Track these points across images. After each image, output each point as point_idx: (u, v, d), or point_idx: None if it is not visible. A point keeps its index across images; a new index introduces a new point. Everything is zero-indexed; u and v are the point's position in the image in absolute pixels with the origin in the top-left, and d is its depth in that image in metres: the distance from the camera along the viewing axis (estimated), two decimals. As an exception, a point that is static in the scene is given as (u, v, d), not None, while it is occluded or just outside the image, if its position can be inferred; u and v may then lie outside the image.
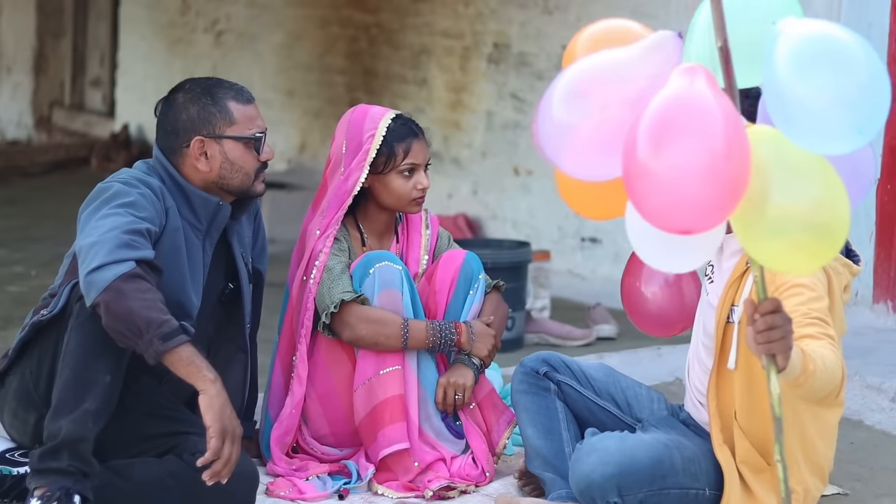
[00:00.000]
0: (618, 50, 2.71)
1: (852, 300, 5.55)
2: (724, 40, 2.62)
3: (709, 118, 2.49)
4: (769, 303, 2.73)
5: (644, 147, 2.50)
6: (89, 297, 3.36)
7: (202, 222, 3.75)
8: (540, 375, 3.84)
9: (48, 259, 7.13)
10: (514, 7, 7.43)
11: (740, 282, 3.45)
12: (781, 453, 2.74)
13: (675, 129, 2.49)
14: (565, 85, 2.68)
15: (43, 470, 3.42)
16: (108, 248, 3.40)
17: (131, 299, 3.33)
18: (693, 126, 2.48)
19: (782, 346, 2.73)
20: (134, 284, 3.35)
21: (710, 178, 2.46)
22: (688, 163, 2.46)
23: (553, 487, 3.73)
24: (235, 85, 3.80)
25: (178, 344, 3.33)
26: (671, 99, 2.52)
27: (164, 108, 3.79)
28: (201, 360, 3.36)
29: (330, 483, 3.92)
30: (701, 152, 2.46)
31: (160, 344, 3.32)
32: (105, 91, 11.82)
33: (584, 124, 2.64)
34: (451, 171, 7.89)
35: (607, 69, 2.68)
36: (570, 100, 2.66)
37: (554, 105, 2.67)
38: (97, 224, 3.48)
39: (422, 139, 4.08)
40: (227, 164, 3.75)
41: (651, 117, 2.51)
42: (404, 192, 4.05)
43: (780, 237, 2.60)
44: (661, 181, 2.49)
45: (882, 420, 4.72)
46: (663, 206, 2.51)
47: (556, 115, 2.67)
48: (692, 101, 2.51)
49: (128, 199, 3.56)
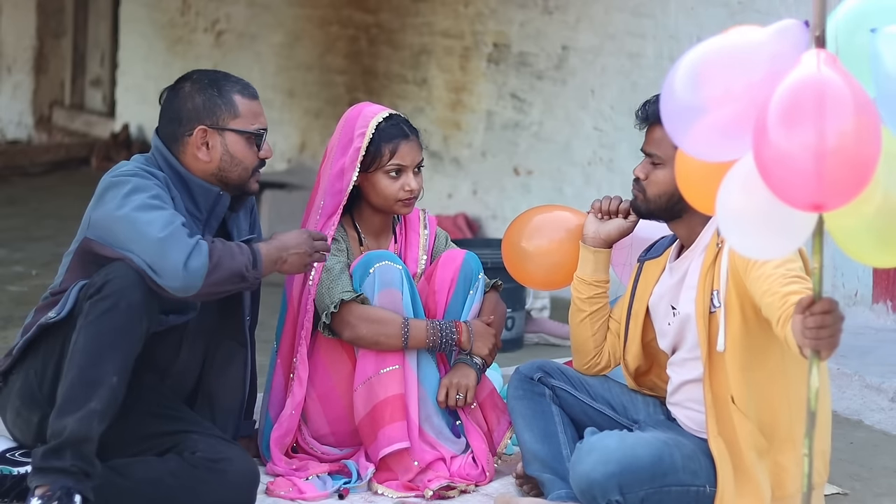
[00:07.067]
0: (743, 34, 2.70)
1: (852, 300, 5.56)
2: (821, 31, 2.60)
3: (840, 98, 2.49)
4: (824, 303, 2.74)
5: (776, 126, 2.51)
6: (194, 286, 3.50)
7: (202, 212, 3.76)
8: (535, 381, 3.86)
9: (48, 259, 7.13)
10: (514, 7, 7.43)
11: (714, 268, 3.48)
12: (810, 447, 2.74)
13: (806, 108, 2.49)
14: (689, 66, 2.67)
15: (45, 469, 3.42)
16: (180, 241, 3.51)
17: (223, 267, 3.55)
18: (826, 106, 2.49)
19: (830, 343, 2.75)
20: (215, 254, 3.54)
21: (840, 157, 2.48)
22: (818, 141, 2.48)
23: (552, 488, 3.73)
24: (242, 80, 3.82)
25: (262, 262, 3.64)
26: (803, 80, 2.53)
27: (170, 96, 3.81)
28: (267, 246, 3.68)
29: (330, 483, 3.92)
30: (832, 132, 2.47)
31: (257, 272, 3.63)
32: (105, 91, 11.82)
33: (708, 106, 2.64)
34: (451, 171, 7.89)
35: (733, 53, 2.67)
36: (693, 82, 2.65)
37: (677, 86, 2.67)
38: (147, 218, 3.53)
39: (412, 141, 4.07)
40: (228, 156, 3.76)
41: (783, 96, 2.52)
42: (391, 193, 4.04)
43: (874, 226, 2.63)
44: (791, 158, 2.49)
45: (881, 420, 4.72)
46: (793, 182, 2.52)
47: (680, 96, 2.67)
48: (824, 83, 2.51)
49: (153, 191, 3.61)
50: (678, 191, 3.14)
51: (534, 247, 4.00)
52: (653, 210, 3.65)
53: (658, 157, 3.59)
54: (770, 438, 3.47)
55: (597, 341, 3.88)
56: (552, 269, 3.98)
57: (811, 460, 2.75)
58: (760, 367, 3.44)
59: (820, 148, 2.47)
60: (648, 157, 3.63)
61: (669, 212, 3.61)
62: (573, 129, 7.02)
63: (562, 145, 7.10)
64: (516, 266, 4.05)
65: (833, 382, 4.73)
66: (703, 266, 3.52)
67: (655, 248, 3.79)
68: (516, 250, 4.04)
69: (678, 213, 3.60)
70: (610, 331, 3.87)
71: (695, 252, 3.60)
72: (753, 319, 3.41)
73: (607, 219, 3.85)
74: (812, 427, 2.74)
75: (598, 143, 6.87)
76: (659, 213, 3.65)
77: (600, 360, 3.89)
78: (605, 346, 3.88)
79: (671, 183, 3.45)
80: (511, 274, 4.10)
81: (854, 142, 2.48)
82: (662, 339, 3.70)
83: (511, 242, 4.05)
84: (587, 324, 3.87)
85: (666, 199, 3.59)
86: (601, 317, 3.87)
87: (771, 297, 3.20)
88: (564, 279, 3.95)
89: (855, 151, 2.49)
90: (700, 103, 2.65)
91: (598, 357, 3.89)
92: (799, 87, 2.52)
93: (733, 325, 3.43)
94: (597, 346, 3.88)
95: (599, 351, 3.89)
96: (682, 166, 3.00)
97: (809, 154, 2.48)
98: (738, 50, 2.67)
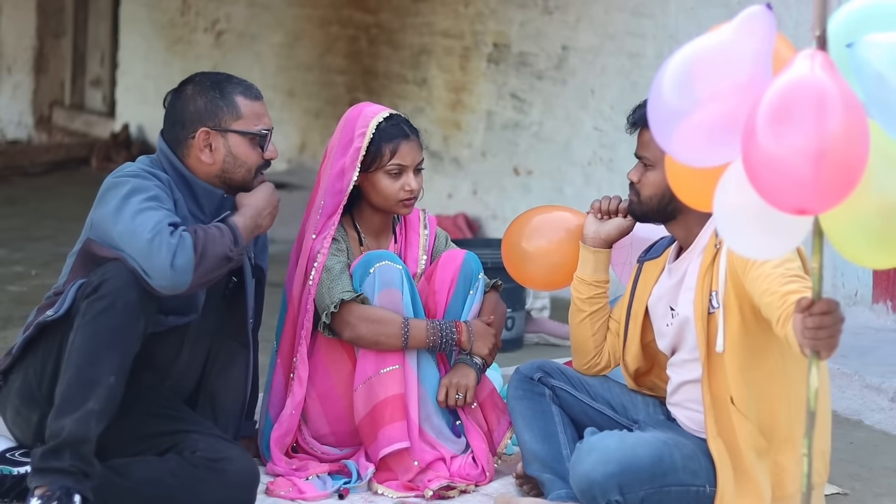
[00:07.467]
0: (714, 33, 2.68)
1: (852, 300, 5.56)
2: (822, 30, 2.60)
3: (830, 102, 2.48)
4: (823, 303, 2.73)
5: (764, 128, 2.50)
6: (184, 283, 3.51)
7: (206, 214, 3.77)
8: (535, 381, 3.86)
9: (48, 259, 7.13)
10: (514, 7, 7.43)
11: (712, 269, 3.48)
12: (809, 448, 2.74)
13: (795, 111, 2.48)
14: (675, 70, 2.67)
15: (44, 469, 3.42)
16: (165, 242, 3.50)
17: (209, 255, 3.55)
18: (813, 109, 2.48)
19: (828, 344, 2.74)
20: (199, 245, 3.54)
21: (827, 160, 2.46)
22: (806, 145, 2.46)
23: (552, 488, 3.73)
24: (245, 81, 3.82)
25: (242, 237, 3.66)
26: (792, 82, 2.52)
27: (173, 99, 3.82)
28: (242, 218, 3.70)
29: (330, 483, 3.92)
30: (819, 135, 2.46)
31: (239, 249, 3.65)
32: (105, 91, 11.81)
33: (695, 110, 2.63)
34: (451, 171, 7.89)
35: (715, 53, 2.66)
36: (680, 85, 2.65)
37: (665, 90, 2.66)
38: (139, 221, 3.53)
39: (413, 141, 4.07)
40: (231, 158, 3.76)
41: (772, 99, 2.51)
42: (391, 193, 4.04)
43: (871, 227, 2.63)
44: (780, 161, 2.48)
45: (881, 420, 4.72)
46: (780, 185, 2.51)
47: (667, 100, 2.66)
48: (813, 85, 2.51)
49: (151, 192, 3.61)
50: (670, 191, 3.14)
51: (534, 247, 4.00)
52: (647, 212, 3.67)
53: (648, 159, 3.62)
54: (770, 438, 3.47)
55: (597, 341, 3.88)
56: (552, 270, 3.98)
57: (811, 460, 2.75)
58: (760, 367, 3.44)
59: (805, 153, 2.46)
60: (640, 161, 3.65)
61: (663, 213, 3.63)
62: (573, 129, 7.02)
63: (562, 145, 7.10)
64: (516, 266, 4.05)
65: (833, 382, 4.73)
66: (701, 267, 3.52)
67: (655, 248, 3.80)
68: (516, 250, 4.04)
69: (672, 214, 3.61)
70: (610, 331, 3.87)
71: (693, 253, 3.61)
72: (752, 320, 3.42)
73: (607, 219, 3.85)
74: (812, 427, 2.74)
75: (598, 143, 6.87)
76: (654, 215, 3.67)
77: (600, 361, 3.89)
78: (605, 347, 3.89)
79: (662, 184, 3.46)
80: (511, 274, 4.10)
81: (841, 146, 2.46)
82: (661, 340, 3.70)
83: (511, 243, 4.05)
84: (587, 324, 3.87)
85: (657, 201, 3.61)
86: (601, 317, 3.87)
87: (770, 296, 3.20)
88: (564, 279, 3.95)
89: (839, 158, 2.46)
90: (686, 107, 2.64)
91: (598, 357, 3.89)
92: (790, 91, 2.50)
93: (732, 326, 3.43)
94: (597, 346, 3.88)
95: (599, 351, 3.89)
96: (672, 162, 3.00)
97: (798, 159, 2.47)
98: (719, 50, 2.66)
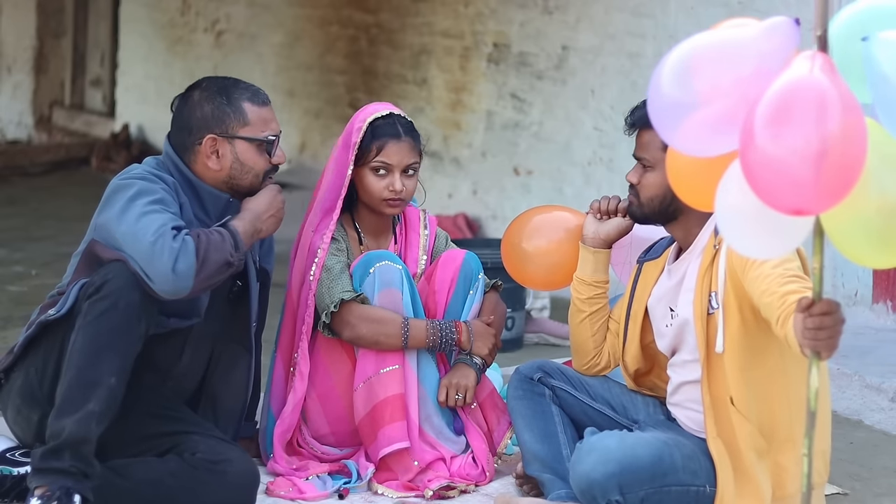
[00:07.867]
0: (733, 30, 2.68)
1: (852, 300, 5.56)
2: (823, 30, 2.59)
3: (828, 103, 2.48)
4: (823, 304, 2.73)
5: (762, 128, 2.49)
6: (185, 287, 3.50)
7: (211, 218, 3.77)
8: (535, 381, 3.86)
9: (48, 259, 7.13)
10: (514, 7, 7.43)
11: (712, 269, 3.49)
12: (809, 448, 2.74)
13: (795, 112, 2.48)
14: (676, 62, 2.66)
15: (44, 469, 3.42)
16: (167, 247, 3.49)
17: (210, 261, 3.55)
18: (814, 111, 2.48)
19: (829, 344, 2.74)
20: (201, 249, 3.53)
21: (827, 161, 2.46)
22: (805, 146, 2.46)
23: (552, 488, 3.73)
24: (252, 87, 3.81)
25: (242, 242, 3.65)
26: (792, 84, 2.51)
27: (180, 105, 3.81)
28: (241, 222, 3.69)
29: (330, 483, 3.92)
30: (820, 137, 2.46)
31: (239, 254, 3.64)
32: (105, 91, 11.81)
33: (695, 102, 2.63)
34: (451, 171, 7.89)
35: (721, 48, 2.66)
36: (680, 77, 2.64)
37: (664, 82, 2.66)
38: (143, 223, 3.52)
39: (403, 142, 4.04)
40: (238, 164, 3.76)
41: (771, 100, 2.50)
42: (375, 191, 4.03)
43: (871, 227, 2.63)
44: (779, 162, 2.48)
45: (881, 420, 4.72)
46: (779, 187, 2.51)
47: (667, 91, 2.66)
48: (812, 87, 2.50)
49: (157, 195, 3.60)
50: (670, 192, 3.14)
51: (533, 247, 4.00)
52: (647, 214, 3.67)
53: (647, 160, 3.62)
54: (770, 439, 3.47)
55: (596, 342, 3.88)
56: (552, 270, 3.98)
57: (811, 460, 2.75)
58: (759, 367, 3.44)
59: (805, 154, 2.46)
60: (639, 162, 3.65)
61: (664, 214, 3.63)
62: (573, 129, 7.02)
63: (562, 145, 7.10)
64: (516, 266, 4.05)
65: (833, 382, 4.73)
66: (700, 268, 3.52)
67: (654, 249, 3.80)
68: (516, 251, 4.04)
69: (673, 215, 3.61)
70: (610, 331, 3.87)
71: (692, 254, 3.61)
72: (752, 320, 3.42)
73: (606, 219, 3.85)
74: (812, 427, 2.74)
75: (598, 143, 6.87)
76: (654, 217, 3.67)
77: (600, 361, 3.89)
78: (605, 347, 3.89)
79: (663, 185, 3.46)
80: (511, 274, 4.10)
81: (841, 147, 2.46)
82: (661, 341, 3.70)
83: (511, 243, 4.05)
84: (587, 324, 3.87)
85: (658, 202, 3.61)
86: (601, 317, 3.87)
87: (770, 296, 3.20)
88: (564, 279, 3.95)
89: (838, 159, 2.46)
90: (687, 99, 2.64)
91: (598, 357, 3.89)
92: (789, 92, 2.50)
93: (732, 326, 3.43)
94: (596, 346, 3.89)
95: (599, 351, 3.89)
96: (672, 163, 3.00)
97: (798, 160, 2.47)
98: (728, 45, 2.66)
